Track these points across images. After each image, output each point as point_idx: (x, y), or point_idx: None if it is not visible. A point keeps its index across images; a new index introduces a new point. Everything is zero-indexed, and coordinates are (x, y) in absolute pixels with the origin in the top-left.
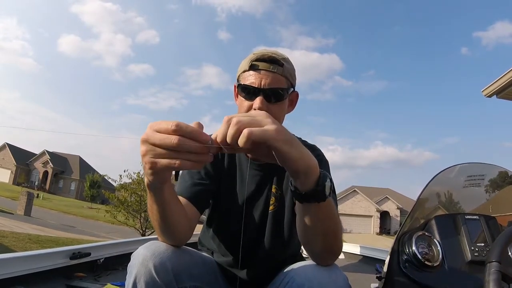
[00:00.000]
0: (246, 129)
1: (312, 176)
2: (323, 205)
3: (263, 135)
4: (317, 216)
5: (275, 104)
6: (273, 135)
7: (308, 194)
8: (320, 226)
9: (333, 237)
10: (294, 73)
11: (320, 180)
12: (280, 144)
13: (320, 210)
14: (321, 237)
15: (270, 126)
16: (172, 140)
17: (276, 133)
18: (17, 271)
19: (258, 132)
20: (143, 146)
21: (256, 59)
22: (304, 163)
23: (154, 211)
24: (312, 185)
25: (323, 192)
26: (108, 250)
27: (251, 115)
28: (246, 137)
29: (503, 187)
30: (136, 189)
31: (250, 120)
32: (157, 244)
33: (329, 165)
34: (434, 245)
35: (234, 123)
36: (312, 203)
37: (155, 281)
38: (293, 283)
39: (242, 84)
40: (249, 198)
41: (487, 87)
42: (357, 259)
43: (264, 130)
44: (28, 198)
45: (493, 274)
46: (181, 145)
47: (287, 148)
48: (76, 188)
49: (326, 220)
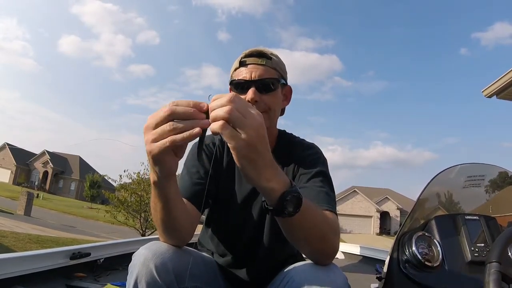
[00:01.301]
0: (222, 123)
1: (269, 197)
2: (295, 218)
3: (230, 139)
4: (292, 226)
5: (267, 94)
6: (238, 144)
7: (272, 209)
8: (300, 234)
9: (319, 242)
10: (284, 68)
11: (280, 201)
12: (239, 156)
13: (294, 222)
14: (305, 242)
15: (245, 136)
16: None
17: (244, 144)
18: (17, 271)
19: (228, 134)
20: (144, 135)
21: (245, 56)
22: (260, 185)
23: (158, 209)
24: (274, 203)
25: (284, 210)
26: (108, 250)
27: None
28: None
29: (503, 187)
30: (136, 189)
31: (237, 117)
32: (158, 245)
33: (329, 165)
34: (434, 245)
35: (225, 110)
36: (279, 217)
37: (156, 281)
38: (293, 283)
39: (235, 81)
40: (247, 197)
41: (487, 88)
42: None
43: (234, 136)
44: (28, 198)
45: (493, 275)
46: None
47: (244, 163)
48: (76, 188)
49: (305, 228)
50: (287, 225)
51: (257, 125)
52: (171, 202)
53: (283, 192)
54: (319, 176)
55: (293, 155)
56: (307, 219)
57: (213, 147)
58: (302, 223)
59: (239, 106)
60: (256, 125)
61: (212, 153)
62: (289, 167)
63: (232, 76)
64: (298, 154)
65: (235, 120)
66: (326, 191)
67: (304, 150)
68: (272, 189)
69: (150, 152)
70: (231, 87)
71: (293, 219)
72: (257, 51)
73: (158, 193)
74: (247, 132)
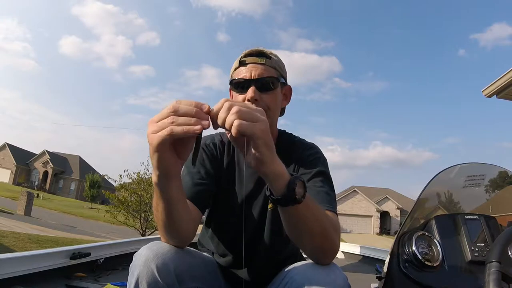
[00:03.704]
0: (237, 121)
1: (280, 181)
2: (300, 207)
3: (250, 130)
4: (297, 217)
5: (267, 93)
6: (259, 134)
7: (280, 199)
8: (303, 227)
9: (320, 237)
10: (284, 67)
11: (290, 184)
12: (260, 142)
13: (299, 212)
14: (307, 237)
15: (260, 125)
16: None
17: (261, 132)
18: (17, 271)
19: (247, 126)
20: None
21: (245, 55)
22: (273, 167)
23: (160, 210)
24: (282, 190)
25: (293, 196)
26: (108, 250)
27: (249, 107)
28: (236, 128)
29: (503, 187)
30: (136, 189)
31: (246, 112)
32: (159, 245)
33: (329, 165)
34: (434, 245)
35: (233, 112)
36: (287, 206)
37: (157, 282)
38: (293, 283)
39: (235, 80)
40: (248, 197)
41: (487, 87)
42: (357, 259)
43: (253, 125)
44: (28, 198)
45: (493, 274)
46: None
47: (264, 150)
48: (76, 188)
49: (308, 221)
50: (292, 217)
51: (261, 110)
52: (173, 203)
53: (290, 175)
54: (319, 176)
55: (293, 155)
56: (310, 210)
57: (213, 147)
58: (306, 214)
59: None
60: (261, 110)
61: (212, 153)
62: (289, 167)
63: (232, 76)
64: (298, 154)
65: (245, 115)
66: (326, 191)
67: (304, 150)
68: (283, 173)
69: (151, 143)
70: (231, 87)
71: (298, 208)
72: (256, 51)
73: (159, 194)
74: (258, 118)
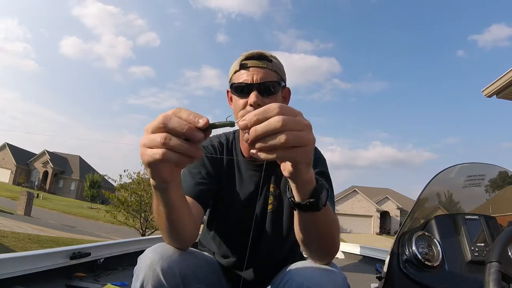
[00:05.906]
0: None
1: (307, 187)
2: (319, 213)
3: (292, 159)
4: (313, 223)
5: (269, 97)
6: (303, 158)
7: (304, 204)
8: (316, 231)
9: (329, 240)
10: (283, 69)
11: (316, 191)
12: (304, 165)
13: (317, 218)
14: (316, 240)
15: (310, 147)
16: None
17: (305, 154)
18: (17, 271)
19: (289, 156)
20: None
21: (245, 58)
22: (306, 176)
23: (161, 213)
24: (308, 196)
25: (317, 203)
26: (108, 250)
27: (299, 123)
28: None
29: (503, 187)
30: (136, 189)
31: (297, 136)
32: (164, 247)
33: (329, 165)
34: (434, 245)
35: (280, 126)
36: (308, 212)
37: (163, 285)
38: (293, 282)
39: (235, 84)
40: (248, 198)
41: (487, 87)
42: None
43: (295, 154)
44: (28, 198)
45: (493, 274)
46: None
47: (304, 166)
48: (76, 188)
49: (322, 226)
50: (308, 221)
51: (309, 125)
52: (174, 207)
53: (317, 181)
54: (319, 177)
55: None
56: (326, 216)
57: (212, 149)
58: (321, 219)
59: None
60: (309, 126)
61: (212, 154)
62: None
63: (231, 79)
64: None
65: (293, 140)
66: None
67: None
68: (311, 180)
69: (142, 159)
70: (232, 90)
71: (317, 214)
72: (257, 54)
73: (159, 197)
74: (308, 138)
